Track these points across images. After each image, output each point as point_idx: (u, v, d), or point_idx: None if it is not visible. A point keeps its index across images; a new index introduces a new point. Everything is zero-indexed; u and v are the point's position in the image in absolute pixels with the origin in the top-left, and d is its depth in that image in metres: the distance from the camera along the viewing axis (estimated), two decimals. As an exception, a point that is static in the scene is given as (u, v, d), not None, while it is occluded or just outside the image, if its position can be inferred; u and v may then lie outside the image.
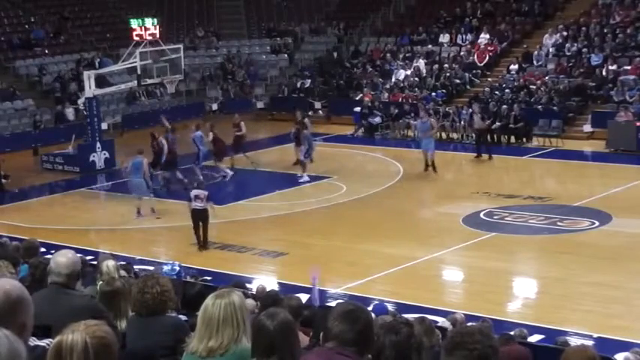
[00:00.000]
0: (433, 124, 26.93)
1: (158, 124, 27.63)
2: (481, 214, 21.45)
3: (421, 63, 36.61)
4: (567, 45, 34.34)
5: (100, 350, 3.15)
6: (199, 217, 19.23)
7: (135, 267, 13.33)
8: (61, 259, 5.54)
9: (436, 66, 36.31)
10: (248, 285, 14.38)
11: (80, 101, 31.62)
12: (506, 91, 32.55)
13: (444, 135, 30.89)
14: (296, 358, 4.22)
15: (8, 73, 37.24)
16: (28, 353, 3.18)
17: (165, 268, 13.00)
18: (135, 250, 19.47)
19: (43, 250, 11.04)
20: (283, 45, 42.63)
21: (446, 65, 36.00)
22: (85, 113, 29.71)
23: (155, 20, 29.79)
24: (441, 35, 38.21)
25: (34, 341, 3.78)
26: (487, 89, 33.39)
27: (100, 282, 7.48)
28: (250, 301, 8.61)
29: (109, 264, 8.44)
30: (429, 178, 24.83)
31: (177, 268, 12.95)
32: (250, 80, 40.53)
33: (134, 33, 29.10)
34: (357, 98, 35.25)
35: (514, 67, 34.50)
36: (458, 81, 34.76)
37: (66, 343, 3.14)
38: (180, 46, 30.95)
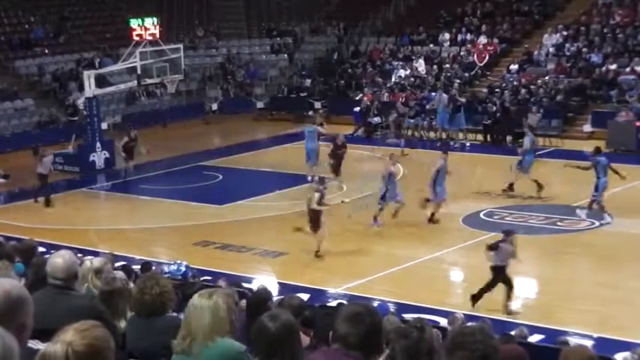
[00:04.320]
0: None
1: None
2: (481, 214, 21.45)
3: (421, 63, 36.59)
4: (567, 45, 34.33)
5: (88, 357, 3.06)
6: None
7: (134, 267, 13.32)
8: (58, 261, 5.51)
9: (436, 66, 36.30)
10: (248, 285, 14.37)
11: (80, 101, 31.60)
12: (506, 92, 32.50)
13: (444, 135, 30.99)
14: (297, 360, 4.19)
15: (8, 73, 37.20)
16: (30, 356, 3.15)
17: (172, 267, 12.97)
18: (135, 250, 19.46)
19: (42, 250, 11.04)
20: (283, 45, 42.61)
21: (447, 65, 35.99)
22: (85, 113, 29.71)
23: (155, 20, 29.78)
24: (442, 35, 38.20)
25: (36, 344, 3.76)
26: (487, 89, 33.37)
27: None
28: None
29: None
30: (428, 179, 24.72)
31: (184, 269, 12.91)
32: (250, 80, 40.52)
33: (134, 33, 29.12)
34: (357, 98, 35.24)
35: (514, 67, 34.49)
36: (458, 81, 34.75)
37: (49, 356, 3.06)
38: (180, 46, 30.96)
